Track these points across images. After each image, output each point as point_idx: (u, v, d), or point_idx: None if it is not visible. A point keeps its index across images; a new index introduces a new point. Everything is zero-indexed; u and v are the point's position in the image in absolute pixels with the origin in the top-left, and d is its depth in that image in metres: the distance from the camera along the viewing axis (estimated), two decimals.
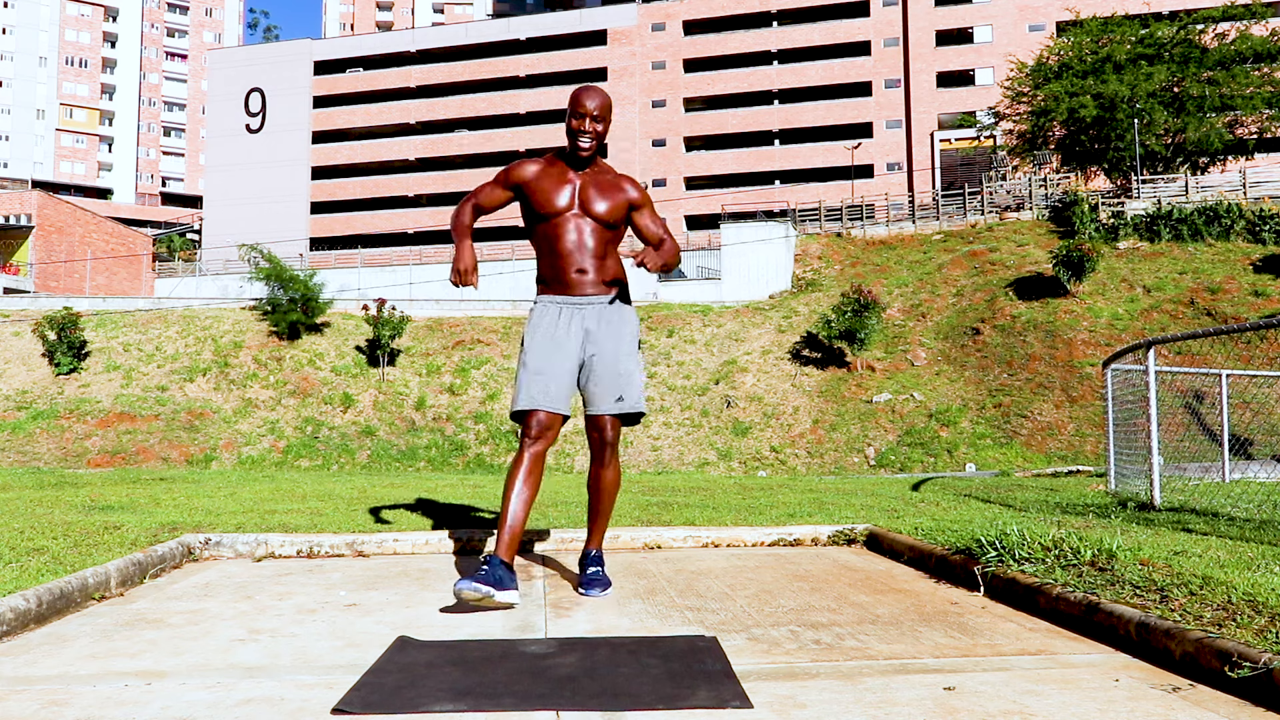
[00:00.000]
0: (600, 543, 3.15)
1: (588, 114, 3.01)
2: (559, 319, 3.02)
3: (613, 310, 3.06)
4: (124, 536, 3.70)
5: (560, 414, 2.94)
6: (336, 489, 6.62)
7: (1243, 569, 2.91)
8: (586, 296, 3.04)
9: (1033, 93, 35.48)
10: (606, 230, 3.07)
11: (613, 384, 2.98)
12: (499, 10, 74.43)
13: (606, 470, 3.06)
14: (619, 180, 3.13)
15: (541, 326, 3.02)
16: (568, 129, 3.06)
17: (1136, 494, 6.11)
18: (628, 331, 3.07)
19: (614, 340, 3.02)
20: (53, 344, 24.82)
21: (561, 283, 3.04)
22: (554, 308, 3.05)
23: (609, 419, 2.99)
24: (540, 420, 2.91)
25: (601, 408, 2.99)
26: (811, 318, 26.32)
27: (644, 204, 3.15)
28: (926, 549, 3.47)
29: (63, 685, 1.96)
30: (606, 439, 3.01)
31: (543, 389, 2.92)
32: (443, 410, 23.91)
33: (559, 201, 3.03)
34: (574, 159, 3.07)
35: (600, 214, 3.04)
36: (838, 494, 6.48)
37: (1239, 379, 9.96)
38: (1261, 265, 25.01)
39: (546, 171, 3.08)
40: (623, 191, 3.09)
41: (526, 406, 2.92)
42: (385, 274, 38.18)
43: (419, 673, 2.02)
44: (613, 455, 3.04)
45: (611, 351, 3.00)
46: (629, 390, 3.00)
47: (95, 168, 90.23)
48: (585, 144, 3.03)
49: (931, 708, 1.79)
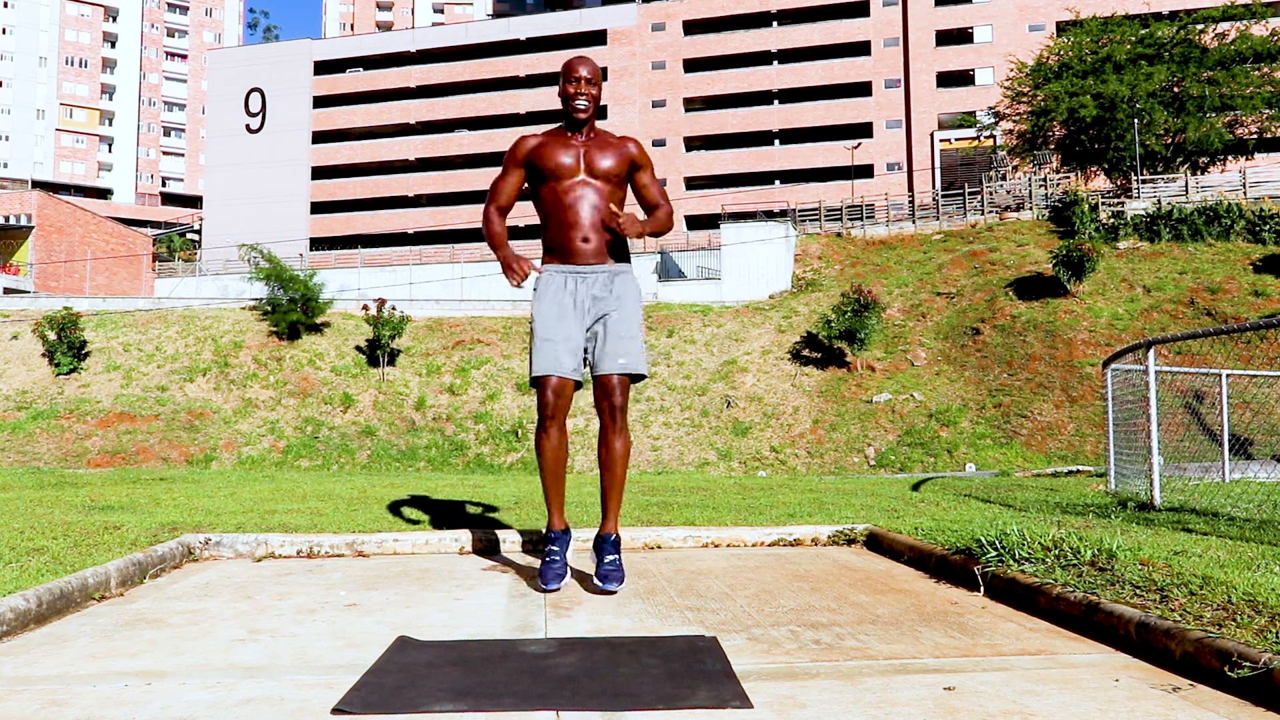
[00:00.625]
0: (616, 525, 3.14)
1: (582, 78, 3.12)
2: (565, 287, 3.11)
3: (617, 279, 3.15)
4: (124, 536, 3.69)
5: (571, 379, 3.05)
6: (336, 489, 6.62)
7: (1243, 569, 2.91)
8: (590, 265, 3.13)
9: (1033, 93, 35.48)
10: (614, 192, 3.15)
11: (616, 345, 3.07)
12: (499, 10, 74.43)
13: (617, 439, 3.09)
14: (621, 140, 3.22)
15: (549, 296, 3.11)
16: (563, 95, 3.16)
17: (1136, 494, 6.11)
18: (632, 299, 3.15)
19: (618, 307, 3.10)
20: (53, 344, 24.83)
21: (567, 251, 3.13)
22: (559, 277, 3.14)
23: (617, 379, 3.06)
24: (554, 386, 3.03)
25: (606, 367, 3.07)
26: (811, 318, 26.32)
27: (645, 164, 3.24)
28: (926, 549, 3.47)
29: (63, 685, 1.96)
30: (615, 402, 3.06)
31: (554, 356, 3.04)
32: (443, 410, 23.91)
33: (565, 161, 3.12)
34: (572, 122, 3.16)
35: (605, 169, 3.12)
36: (838, 494, 6.48)
37: (1239, 379, 9.96)
38: (1261, 265, 25.01)
39: (550, 139, 3.19)
40: (625, 149, 3.19)
41: (542, 372, 3.04)
42: (385, 274, 38.17)
43: (419, 673, 2.02)
44: (624, 420, 3.09)
45: (616, 318, 3.09)
46: (631, 351, 3.08)
47: (95, 168, 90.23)
48: (582, 104, 3.12)
49: (931, 708, 1.79)
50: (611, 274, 3.14)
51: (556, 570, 3.00)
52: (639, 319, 3.15)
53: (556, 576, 2.98)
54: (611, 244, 3.15)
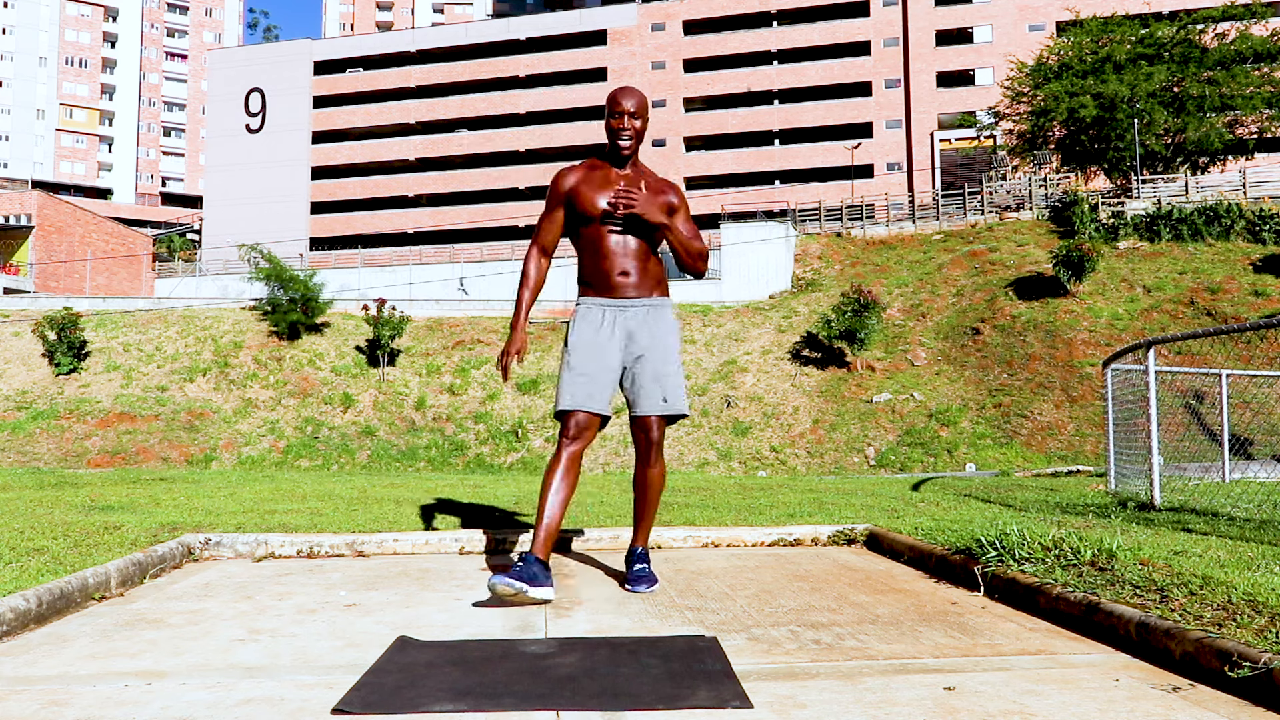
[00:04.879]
0: (646, 540, 3.20)
1: (626, 112, 3.05)
2: (602, 322, 3.06)
3: (655, 313, 3.10)
4: (124, 536, 3.69)
5: (600, 415, 3.00)
6: (336, 489, 6.62)
7: (1243, 569, 2.91)
8: (629, 300, 3.08)
9: (1033, 93, 35.46)
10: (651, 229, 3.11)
11: (656, 386, 3.04)
12: (499, 10, 74.39)
13: (653, 470, 3.10)
14: (661, 184, 3.16)
15: (585, 328, 3.06)
16: (608, 129, 3.09)
17: (1136, 494, 6.11)
18: (670, 334, 3.11)
19: (657, 343, 3.07)
20: (53, 344, 24.83)
21: (606, 286, 3.08)
22: (597, 310, 3.08)
23: (655, 419, 3.04)
24: (579, 421, 2.97)
25: (647, 409, 3.04)
26: (811, 318, 26.32)
27: (681, 207, 3.18)
28: (926, 549, 3.48)
29: (63, 685, 1.96)
30: (653, 439, 3.05)
31: (585, 391, 2.98)
32: (443, 410, 23.91)
33: (604, 203, 3.06)
34: (616, 158, 3.11)
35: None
36: (838, 494, 6.48)
37: (1239, 379, 9.96)
38: (1261, 265, 25.01)
39: (589, 176, 3.11)
40: (665, 195, 3.12)
41: (568, 407, 2.97)
42: (385, 274, 38.16)
43: (419, 673, 2.02)
44: (658, 455, 3.09)
45: (655, 354, 3.05)
46: (671, 391, 3.05)
47: (95, 168, 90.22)
48: (626, 141, 3.06)
49: (931, 708, 1.79)
50: (650, 308, 3.09)
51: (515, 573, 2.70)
52: (678, 354, 3.12)
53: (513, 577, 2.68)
54: (651, 277, 3.10)
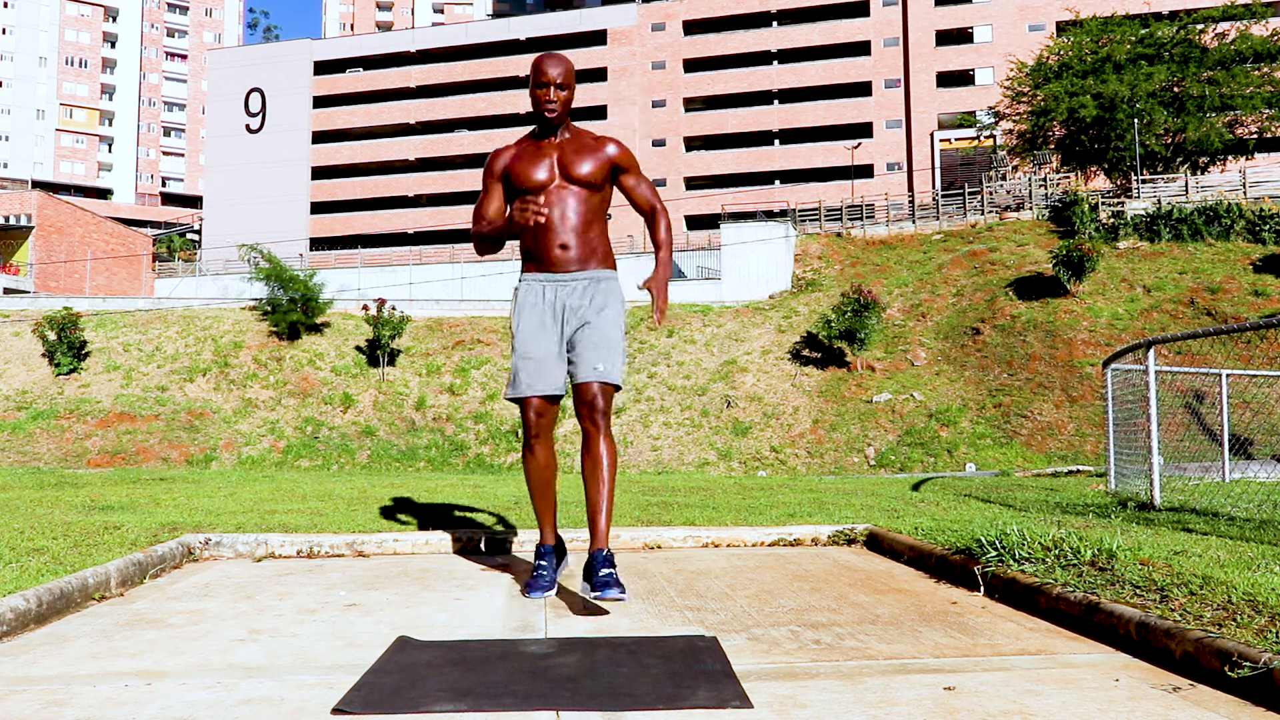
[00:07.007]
0: (607, 540, 2.83)
1: (552, 83, 2.96)
2: (543, 298, 2.98)
3: (596, 285, 2.99)
4: (124, 536, 3.69)
5: (554, 394, 2.95)
6: (336, 489, 6.62)
7: (1243, 569, 2.90)
8: (570, 273, 2.97)
9: (1033, 93, 35.47)
10: (591, 196, 3.00)
11: (592, 353, 2.91)
12: (499, 10, 74.39)
13: (599, 443, 2.88)
14: (600, 141, 3.03)
15: (526, 308, 2.99)
16: (532, 97, 3.00)
17: (1136, 494, 6.10)
18: (611, 306, 2.99)
19: (597, 314, 2.95)
20: (53, 344, 24.82)
21: (545, 260, 2.98)
22: (538, 286, 3.00)
23: (596, 386, 2.88)
24: (535, 407, 2.94)
25: (584, 376, 2.90)
26: (811, 318, 26.32)
27: (630, 165, 3.06)
28: (926, 549, 3.47)
29: (63, 685, 1.96)
30: (596, 405, 2.88)
31: (535, 374, 2.93)
32: (443, 410, 23.91)
33: (538, 175, 2.97)
34: (544, 126, 3.00)
35: (582, 176, 2.96)
36: (838, 494, 6.47)
37: (1239, 379, 9.96)
38: (1261, 265, 25.01)
39: (523, 150, 3.03)
40: (604, 151, 3.01)
41: (519, 395, 2.94)
42: (385, 274, 38.16)
43: (419, 673, 2.02)
44: (606, 424, 2.90)
45: (596, 324, 2.94)
46: (606, 359, 2.91)
47: (95, 168, 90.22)
48: (551, 112, 2.96)
49: (931, 708, 1.79)
50: (592, 280, 2.98)
51: (543, 583, 2.95)
52: (619, 328, 2.98)
53: (542, 588, 2.93)
54: (592, 249, 2.99)
